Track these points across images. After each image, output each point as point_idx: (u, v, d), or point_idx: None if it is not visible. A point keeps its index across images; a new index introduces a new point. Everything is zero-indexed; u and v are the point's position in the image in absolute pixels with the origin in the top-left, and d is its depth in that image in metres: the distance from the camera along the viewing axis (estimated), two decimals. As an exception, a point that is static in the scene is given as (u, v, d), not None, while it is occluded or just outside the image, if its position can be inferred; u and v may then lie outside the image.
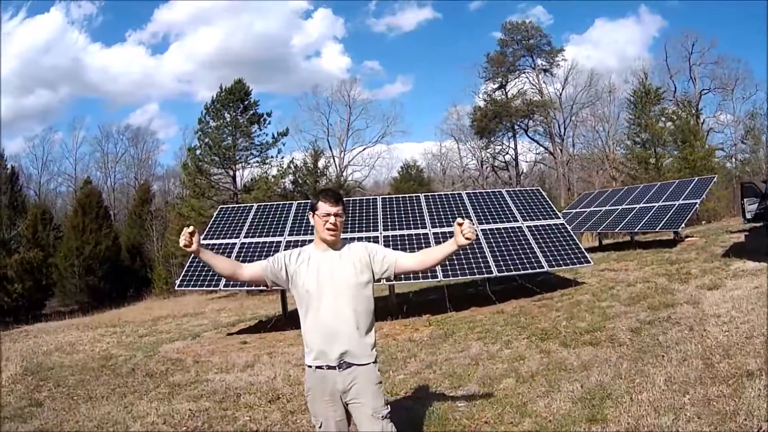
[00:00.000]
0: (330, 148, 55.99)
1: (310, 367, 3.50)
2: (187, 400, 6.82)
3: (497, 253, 11.81)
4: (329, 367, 3.43)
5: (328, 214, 3.51)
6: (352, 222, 13.08)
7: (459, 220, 3.41)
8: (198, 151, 35.26)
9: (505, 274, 11.53)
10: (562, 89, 55.18)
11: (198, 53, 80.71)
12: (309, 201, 3.91)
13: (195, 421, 6.01)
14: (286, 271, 3.55)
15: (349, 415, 3.53)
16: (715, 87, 48.10)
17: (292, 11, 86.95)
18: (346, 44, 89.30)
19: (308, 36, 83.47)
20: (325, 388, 3.45)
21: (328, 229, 3.51)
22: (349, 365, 3.44)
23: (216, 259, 3.60)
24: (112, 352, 11.05)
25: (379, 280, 3.76)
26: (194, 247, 3.38)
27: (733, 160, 44.89)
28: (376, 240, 12.31)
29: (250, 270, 3.63)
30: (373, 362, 3.53)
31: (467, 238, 3.34)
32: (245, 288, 11.61)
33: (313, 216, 3.60)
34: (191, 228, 3.37)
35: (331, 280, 3.47)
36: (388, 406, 3.55)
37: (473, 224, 3.21)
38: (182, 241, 3.36)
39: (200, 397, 6.92)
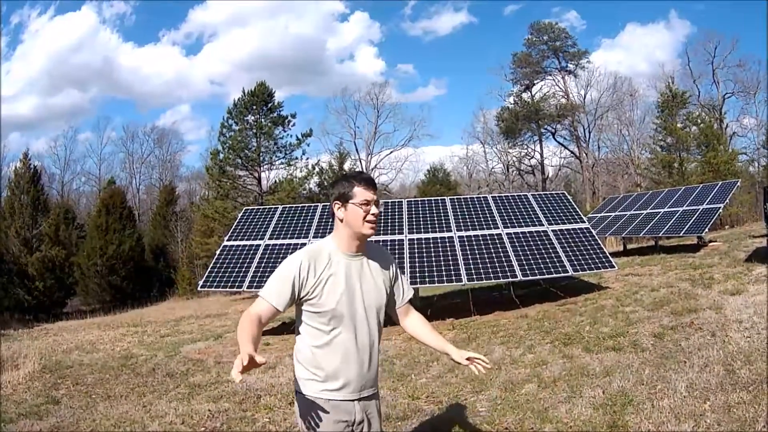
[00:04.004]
0: (357, 150, 56.26)
1: (319, 398, 2.78)
2: (207, 401, 6.88)
3: (522, 257, 11.83)
4: (348, 399, 2.83)
5: (368, 202, 2.78)
6: (376, 225, 13.13)
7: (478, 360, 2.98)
8: (221, 155, 35.50)
9: (530, 278, 11.57)
10: (585, 92, 54.96)
11: (232, 54, 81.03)
12: (331, 202, 2.87)
13: (214, 422, 6.06)
14: (300, 288, 2.75)
15: None
16: (738, 90, 47.47)
17: (329, 14, 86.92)
18: (380, 48, 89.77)
19: (343, 39, 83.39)
20: (339, 422, 2.79)
21: (369, 222, 2.79)
22: (368, 397, 2.92)
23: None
24: (132, 351, 11.14)
25: None
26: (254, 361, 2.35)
27: (756, 164, 44.24)
28: (401, 243, 12.39)
29: (266, 316, 2.74)
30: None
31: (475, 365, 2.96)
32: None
33: (343, 206, 2.81)
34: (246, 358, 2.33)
35: (362, 297, 2.84)
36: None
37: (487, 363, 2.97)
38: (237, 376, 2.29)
39: (220, 398, 6.97)
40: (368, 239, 2.92)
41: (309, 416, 2.77)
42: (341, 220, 2.84)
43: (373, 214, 2.79)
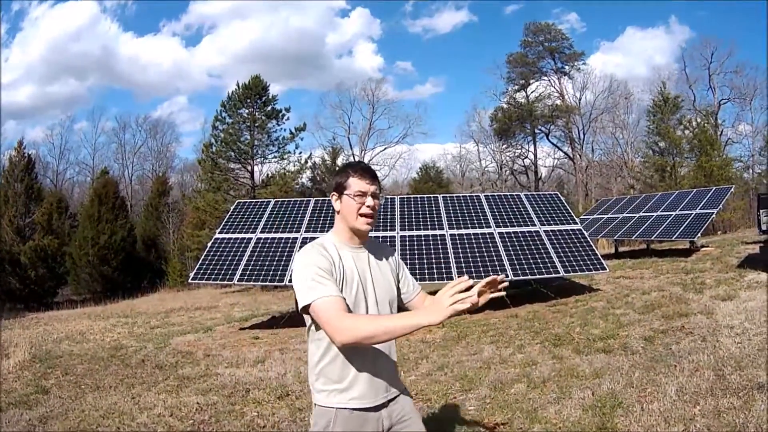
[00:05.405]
0: (350, 146, 56.08)
1: (343, 409, 2.47)
2: (196, 394, 6.86)
3: (513, 257, 11.81)
4: (375, 408, 2.53)
5: (364, 194, 2.53)
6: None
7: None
8: (213, 148, 35.47)
9: (521, 277, 11.52)
10: (581, 94, 55.03)
11: (231, 47, 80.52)
12: (328, 193, 2.87)
13: (202, 415, 6.03)
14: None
15: None
16: (734, 96, 47.53)
17: (330, 8, 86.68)
18: (379, 44, 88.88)
19: (343, 34, 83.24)
20: None
21: (364, 215, 2.54)
22: (394, 398, 2.63)
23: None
24: (122, 342, 11.13)
25: None
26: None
27: (751, 171, 44.35)
28: (393, 240, 12.36)
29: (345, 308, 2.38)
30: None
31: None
32: (259, 283, 11.65)
33: (339, 198, 2.60)
34: None
35: (374, 290, 2.58)
36: None
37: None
38: None
39: (209, 391, 6.95)
40: (368, 235, 2.69)
41: (332, 428, 2.48)
42: (338, 212, 2.62)
43: (368, 206, 2.53)
